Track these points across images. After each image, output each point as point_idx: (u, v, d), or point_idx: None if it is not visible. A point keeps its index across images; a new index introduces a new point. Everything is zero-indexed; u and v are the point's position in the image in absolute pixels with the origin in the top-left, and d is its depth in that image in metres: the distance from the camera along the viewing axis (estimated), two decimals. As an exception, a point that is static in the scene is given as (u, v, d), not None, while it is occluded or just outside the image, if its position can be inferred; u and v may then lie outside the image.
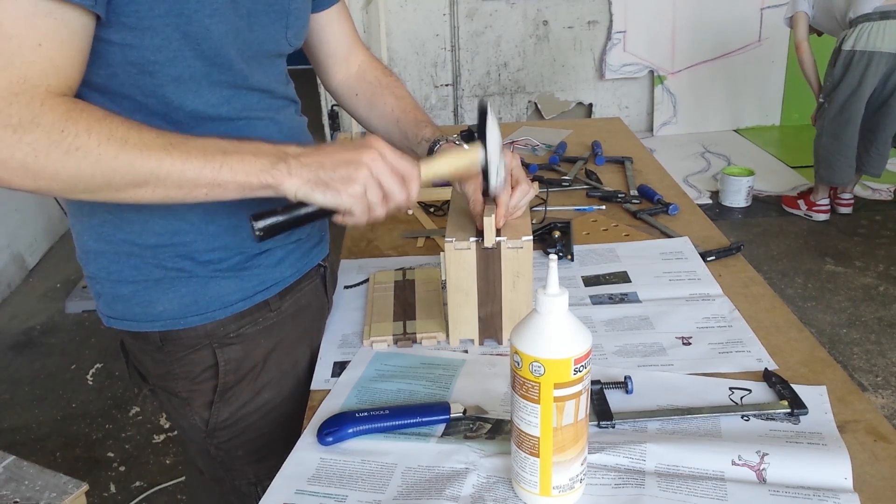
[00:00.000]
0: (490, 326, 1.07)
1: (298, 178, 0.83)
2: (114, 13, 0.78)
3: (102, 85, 0.84)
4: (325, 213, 0.87)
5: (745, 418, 0.90)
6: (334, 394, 0.99)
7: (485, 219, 0.99)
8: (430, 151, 1.11)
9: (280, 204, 0.86)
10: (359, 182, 0.83)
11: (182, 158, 0.78)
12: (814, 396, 0.93)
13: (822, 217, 3.80)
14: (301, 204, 0.85)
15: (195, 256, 0.95)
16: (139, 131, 0.78)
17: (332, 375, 1.03)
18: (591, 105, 5.07)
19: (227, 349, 1.00)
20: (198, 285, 0.96)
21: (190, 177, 0.79)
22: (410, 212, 1.56)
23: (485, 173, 0.96)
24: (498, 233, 1.01)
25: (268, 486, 0.84)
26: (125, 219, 0.92)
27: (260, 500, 0.82)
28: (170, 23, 0.81)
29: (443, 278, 1.04)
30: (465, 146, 0.97)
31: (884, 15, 3.30)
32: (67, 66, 0.76)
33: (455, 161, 0.95)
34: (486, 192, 1.00)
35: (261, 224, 0.85)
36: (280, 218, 0.86)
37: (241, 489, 1.12)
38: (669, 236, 1.40)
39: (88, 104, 0.77)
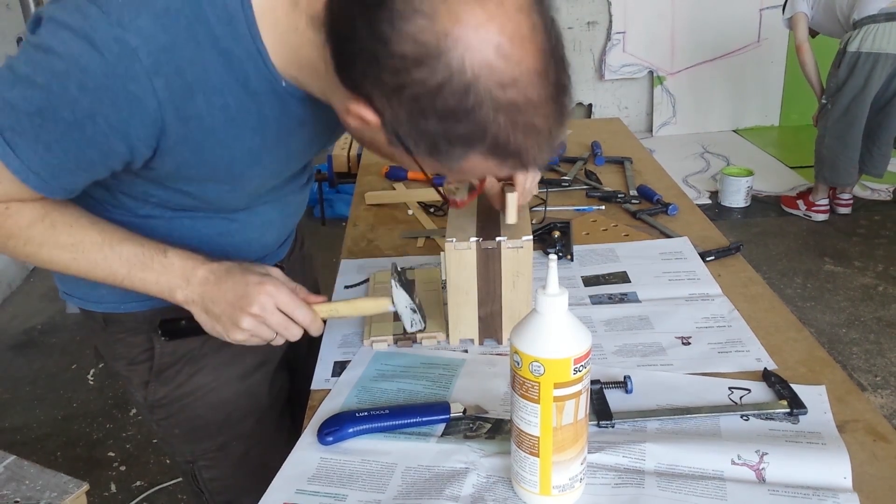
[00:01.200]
0: (490, 326, 1.07)
1: (195, 307, 0.89)
2: (151, 176, 0.84)
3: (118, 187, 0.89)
4: None
5: (745, 418, 0.90)
6: (334, 393, 0.99)
7: (507, 195, 1.01)
8: None
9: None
10: (243, 327, 0.88)
11: (89, 267, 0.87)
12: (813, 396, 0.93)
13: (822, 217, 3.80)
14: None
15: None
16: (56, 236, 0.84)
17: (333, 375, 1.03)
18: (590, 105, 5.07)
19: None
20: None
21: (98, 279, 0.88)
22: (410, 212, 1.56)
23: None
24: (500, 231, 1.01)
25: (202, 466, 0.86)
26: None
27: (196, 479, 0.84)
28: (208, 183, 0.86)
29: (443, 278, 1.04)
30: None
31: (889, 16, 3.29)
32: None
33: (359, 308, 1.00)
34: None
35: (167, 329, 0.97)
36: (185, 326, 0.95)
37: (181, 466, 1.16)
38: (669, 236, 1.40)
39: (22, 208, 0.82)
